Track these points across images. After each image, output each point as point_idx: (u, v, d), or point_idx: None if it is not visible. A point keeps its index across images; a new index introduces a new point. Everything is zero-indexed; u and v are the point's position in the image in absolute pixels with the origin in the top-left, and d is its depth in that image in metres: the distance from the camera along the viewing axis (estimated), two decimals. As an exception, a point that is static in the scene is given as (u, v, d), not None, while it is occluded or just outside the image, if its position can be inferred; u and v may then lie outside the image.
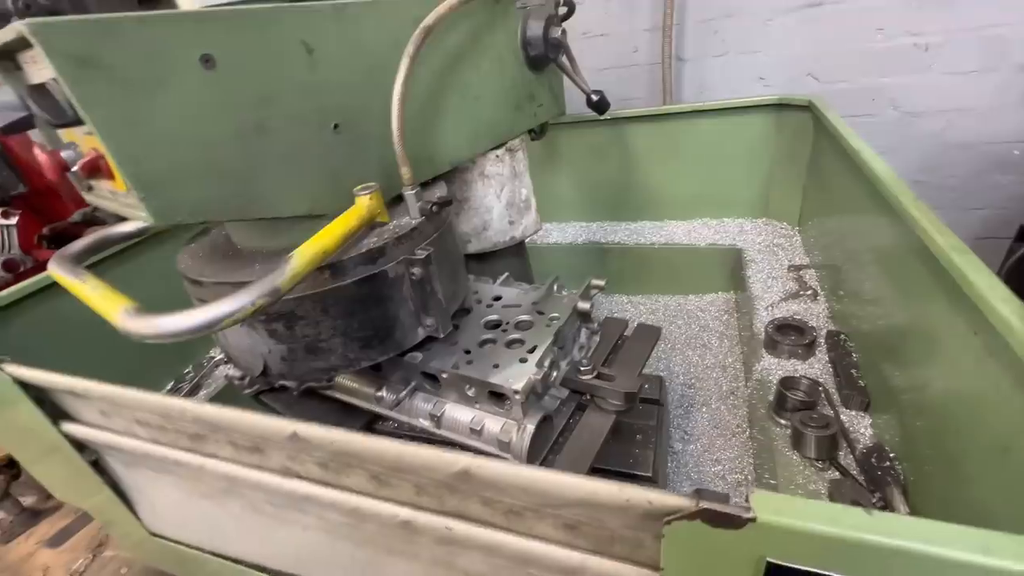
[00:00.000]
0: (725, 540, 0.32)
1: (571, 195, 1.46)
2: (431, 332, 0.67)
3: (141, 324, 0.47)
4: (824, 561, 0.30)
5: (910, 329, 0.66)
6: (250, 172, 0.54)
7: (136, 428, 0.62)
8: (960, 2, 1.21)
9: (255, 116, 0.53)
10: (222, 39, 0.49)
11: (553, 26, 0.85)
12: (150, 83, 0.46)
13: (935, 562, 0.27)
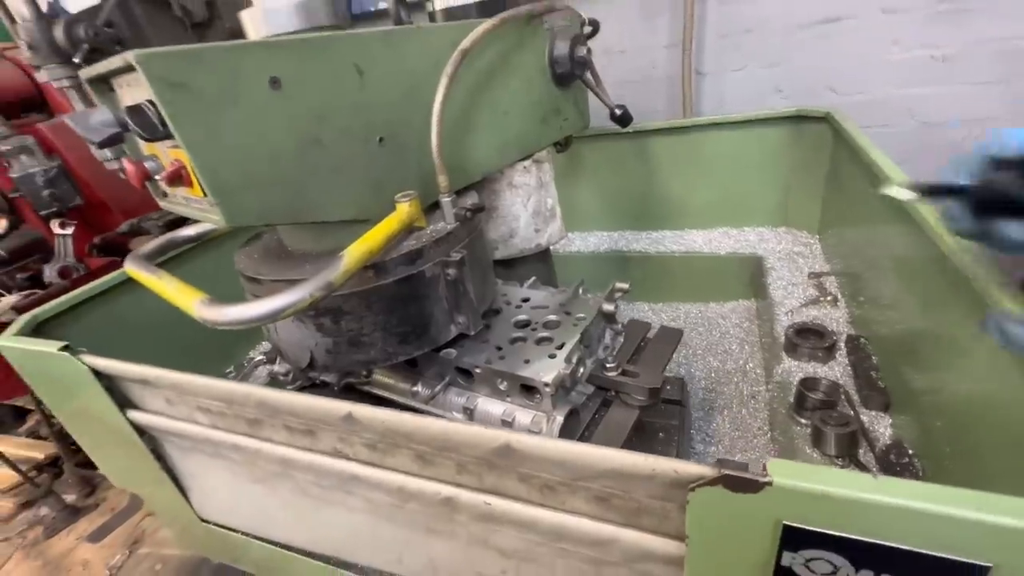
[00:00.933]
0: (744, 505, 0.35)
1: (594, 205, 1.50)
2: (463, 329, 0.72)
3: (215, 312, 0.53)
4: (834, 521, 0.33)
5: (929, 333, 0.68)
6: (307, 181, 0.60)
7: (197, 415, 0.67)
8: (975, 17, 1.23)
9: (313, 131, 0.59)
10: (286, 63, 0.55)
11: (579, 45, 0.90)
12: (228, 103, 0.52)
13: (932, 518, 0.30)
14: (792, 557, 0.36)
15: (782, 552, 0.36)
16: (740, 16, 1.42)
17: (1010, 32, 1.21)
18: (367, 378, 0.85)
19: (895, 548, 0.32)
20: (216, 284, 0.57)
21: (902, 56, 1.32)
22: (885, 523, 0.32)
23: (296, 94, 0.57)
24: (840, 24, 1.33)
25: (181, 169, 0.54)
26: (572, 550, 0.49)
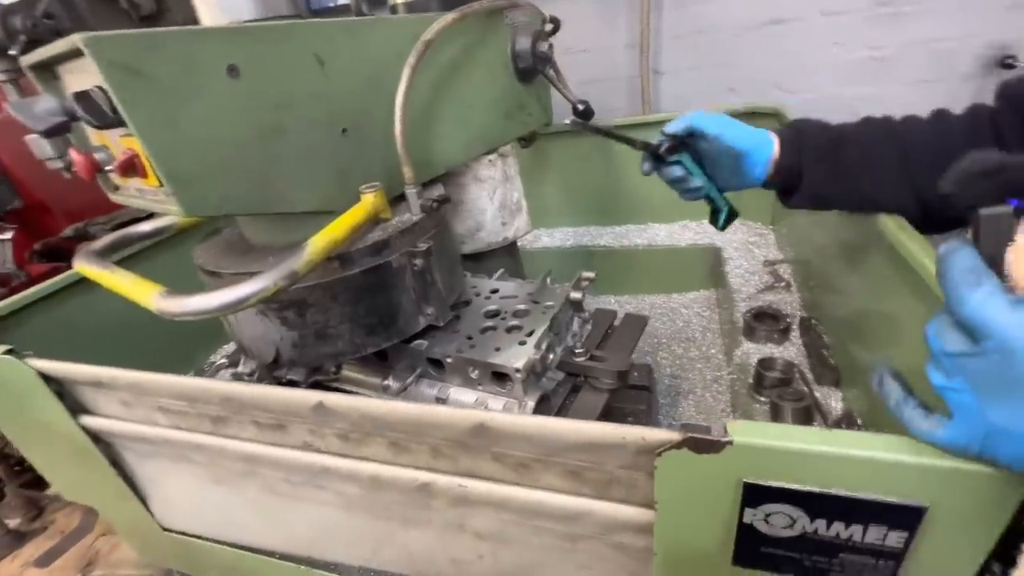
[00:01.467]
0: (708, 466, 0.37)
1: (559, 201, 1.53)
2: (431, 320, 0.72)
3: (176, 304, 0.52)
4: (790, 475, 0.35)
5: (873, 313, 0.73)
6: (269, 171, 0.60)
7: (157, 416, 0.65)
8: (909, 18, 1.32)
9: (273, 120, 0.59)
10: (245, 51, 0.54)
11: (540, 40, 0.92)
12: (184, 90, 0.51)
13: (875, 464, 0.33)
14: (753, 513, 0.38)
15: (744, 509, 0.38)
16: (692, 18, 1.47)
17: (941, 34, 1.31)
18: (335, 374, 0.84)
19: (844, 496, 0.35)
20: (174, 283, 0.56)
21: (843, 57, 1.40)
22: (835, 473, 0.34)
23: (255, 82, 0.56)
24: (785, 26, 1.40)
25: (134, 158, 0.52)
26: (547, 527, 0.50)
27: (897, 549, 0.36)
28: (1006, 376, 0.28)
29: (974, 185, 0.30)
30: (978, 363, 0.30)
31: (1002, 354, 0.28)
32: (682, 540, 0.43)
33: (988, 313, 0.29)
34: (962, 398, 0.31)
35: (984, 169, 0.29)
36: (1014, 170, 0.28)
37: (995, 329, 0.28)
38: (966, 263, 0.30)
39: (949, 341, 0.31)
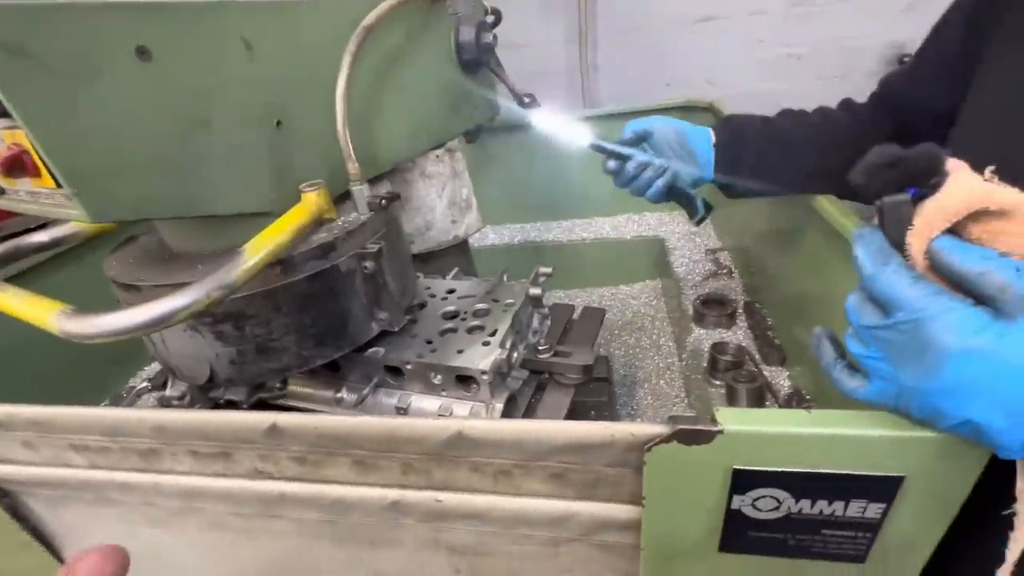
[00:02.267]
0: (698, 456, 0.37)
1: (506, 198, 1.51)
2: (385, 326, 0.68)
3: (84, 324, 0.44)
4: (776, 459, 0.36)
5: (813, 291, 0.78)
6: (192, 167, 0.53)
7: (70, 455, 0.56)
8: (819, 18, 1.43)
9: (195, 110, 0.52)
10: (158, 31, 0.48)
11: (484, 32, 0.89)
12: (83, 73, 0.44)
13: (856, 440, 0.34)
14: (741, 499, 0.38)
15: (732, 496, 0.38)
16: (628, 15, 1.51)
17: (848, 33, 1.43)
18: (281, 390, 0.77)
19: (827, 473, 0.36)
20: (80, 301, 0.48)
21: (765, 54, 1.49)
22: (818, 452, 0.35)
23: (171, 66, 0.49)
24: (714, 23, 1.47)
25: (23, 154, 0.44)
26: (529, 534, 0.48)
27: (875, 520, 0.37)
28: (912, 343, 0.31)
29: (879, 176, 0.32)
30: (889, 333, 0.33)
31: (909, 324, 0.31)
32: (669, 532, 0.43)
33: (895, 288, 0.32)
34: (877, 364, 0.34)
35: (885, 162, 0.32)
36: (910, 162, 0.31)
37: (902, 301, 0.32)
38: (874, 245, 0.34)
39: (865, 314, 0.34)
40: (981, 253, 0.30)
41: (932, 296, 0.31)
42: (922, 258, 0.32)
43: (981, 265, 0.30)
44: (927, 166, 0.31)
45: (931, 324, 0.30)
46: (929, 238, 0.31)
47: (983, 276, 0.29)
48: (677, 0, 1.47)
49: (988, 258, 0.30)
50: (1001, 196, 0.29)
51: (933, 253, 0.31)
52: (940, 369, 0.30)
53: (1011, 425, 0.29)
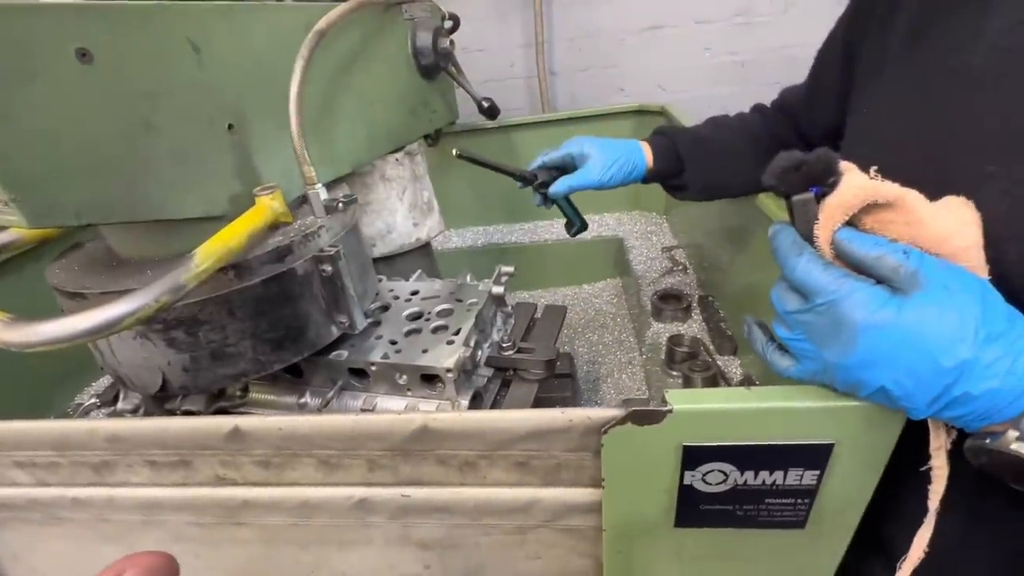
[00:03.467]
0: (650, 436, 0.39)
1: (468, 201, 1.52)
2: (345, 329, 0.68)
3: (25, 332, 0.43)
4: (721, 434, 0.38)
5: (760, 284, 0.82)
6: (139, 171, 0.52)
7: (15, 473, 0.54)
8: (760, 28, 1.51)
9: (140, 113, 0.51)
10: (99, 33, 0.47)
11: (441, 37, 0.91)
12: (18, 75, 0.43)
13: (791, 412, 0.37)
14: (692, 475, 0.41)
15: (683, 472, 0.41)
16: (582, 22, 1.55)
17: (787, 42, 1.52)
18: (242, 398, 0.76)
19: (766, 445, 0.39)
20: (22, 311, 0.46)
21: (712, 60, 1.56)
22: (759, 426, 0.38)
23: (114, 69, 0.48)
24: (663, 31, 1.53)
25: (-43, 159, 0.43)
26: (496, 523, 0.49)
27: (812, 486, 0.40)
28: (829, 323, 0.35)
29: (786, 177, 0.36)
30: (809, 316, 0.36)
31: (824, 305, 0.35)
32: (629, 512, 0.45)
33: (810, 275, 0.35)
34: (802, 345, 0.38)
35: (790, 164, 0.36)
36: (811, 164, 0.35)
37: (817, 287, 0.35)
38: (788, 239, 0.37)
39: (787, 301, 0.38)
40: (875, 241, 0.34)
41: (841, 279, 0.34)
42: (828, 248, 0.36)
43: (876, 250, 0.33)
44: (825, 167, 0.35)
45: (843, 304, 0.34)
46: (832, 230, 0.35)
47: (879, 260, 0.33)
48: (627, 10, 1.52)
49: (881, 244, 0.34)
50: (886, 190, 0.34)
51: (836, 243, 0.35)
52: (855, 343, 0.34)
53: (915, 389, 0.33)
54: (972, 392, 0.31)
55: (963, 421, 0.33)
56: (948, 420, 0.34)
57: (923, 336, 0.32)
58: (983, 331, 0.31)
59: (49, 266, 0.64)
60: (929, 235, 0.34)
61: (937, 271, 0.33)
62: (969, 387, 0.31)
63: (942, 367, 0.32)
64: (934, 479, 0.38)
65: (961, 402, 0.32)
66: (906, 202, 0.34)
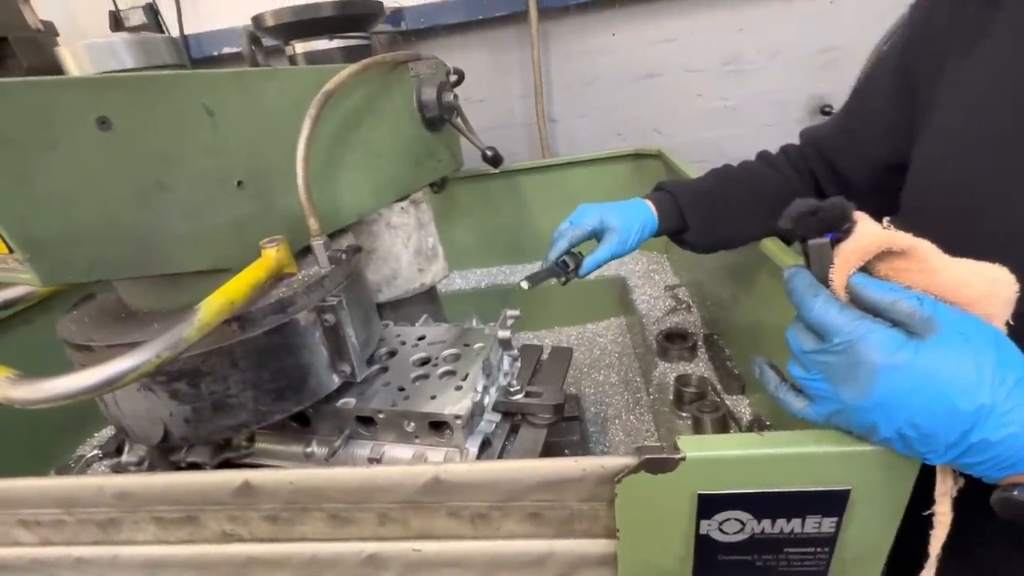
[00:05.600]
0: (664, 484, 0.39)
1: (472, 244, 1.55)
2: (347, 377, 0.68)
3: (31, 390, 0.44)
4: (736, 481, 0.38)
5: (763, 323, 0.83)
6: (150, 228, 0.54)
7: (18, 532, 0.53)
8: (749, 75, 1.58)
9: (155, 174, 0.54)
10: (119, 102, 0.50)
11: (445, 91, 0.95)
12: (40, 144, 0.45)
13: (806, 458, 0.37)
14: (708, 524, 0.40)
15: (699, 521, 0.40)
16: (580, 72, 1.63)
17: (775, 87, 1.58)
18: (248, 448, 0.75)
19: (782, 492, 0.38)
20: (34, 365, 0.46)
21: (704, 106, 1.63)
22: (772, 471, 0.38)
23: (132, 135, 0.51)
24: (657, 79, 1.60)
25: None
26: (508, 577, 0.48)
27: (830, 534, 0.40)
28: (847, 363, 0.35)
29: (802, 223, 0.38)
30: (827, 356, 0.37)
31: (842, 345, 0.35)
32: (645, 563, 0.44)
33: (827, 316, 0.36)
34: (819, 385, 0.38)
35: (805, 211, 0.37)
36: (826, 211, 0.37)
37: (834, 327, 0.36)
38: (805, 281, 0.38)
39: (804, 342, 0.38)
40: (889, 286, 0.35)
41: (858, 320, 0.35)
42: (843, 292, 0.36)
43: (891, 295, 0.34)
44: (839, 215, 0.36)
45: (860, 344, 0.34)
46: (847, 275, 0.36)
47: (894, 304, 0.34)
48: (622, 60, 1.60)
49: (895, 290, 0.35)
50: (900, 239, 0.35)
51: (851, 287, 0.36)
52: (873, 384, 0.34)
53: (932, 432, 0.33)
54: (991, 438, 0.31)
55: (983, 469, 0.33)
56: (967, 468, 0.34)
57: (941, 379, 0.32)
58: (1000, 377, 0.32)
59: (61, 318, 0.65)
60: (942, 283, 0.35)
61: (952, 318, 0.33)
62: (987, 433, 0.31)
63: (960, 411, 0.32)
64: (936, 525, 0.38)
65: (980, 449, 0.32)
66: (919, 251, 0.35)
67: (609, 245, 0.78)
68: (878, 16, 0.83)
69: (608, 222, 0.79)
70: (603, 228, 0.80)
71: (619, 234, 0.78)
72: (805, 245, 0.38)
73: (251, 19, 0.98)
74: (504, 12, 1.52)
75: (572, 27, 1.58)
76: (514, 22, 1.55)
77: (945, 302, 0.35)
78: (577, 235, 0.80)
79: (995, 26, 0.50)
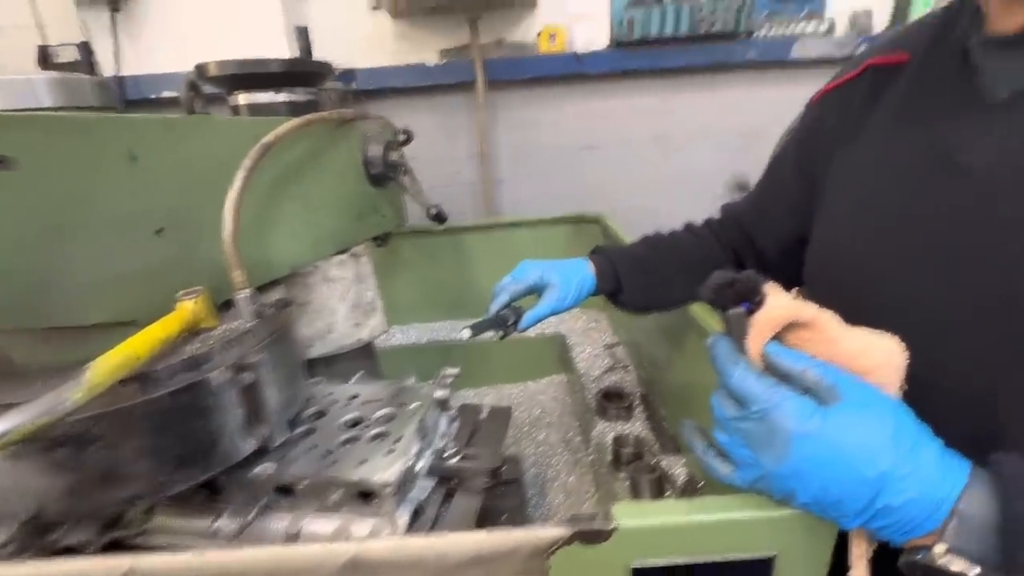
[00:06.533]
0: (598, 555, 0.37)
1: (414, 299, 1.53)
2: (263, 442, 0.63)
3: None
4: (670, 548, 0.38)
5: (694, 384, 0.86)
6: (49, 274, 0.50)
7: None
8: (677, 152, 1.74)
9: (61, 218, 0.50)
10: (26, 142, 0.47)
11: (392, 149, 0.97)
12: None
13: (733, 524, 0.37)
14: (642, 597, 0.39)
15: (633, 593, 0.39)
16: (525, 139, 1.72)
17: (699, 164, 1.74)
18: (142, 524, 0.66)
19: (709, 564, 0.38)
20: None
21: (638, 177, 1.76)
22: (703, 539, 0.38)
23: (38, 176, 0.47)
24: (597, 151, 1.73)
25: None
26: (434, 669, 0.44)
27: (760, 603, 0.40)
28: (765, 430, 0.37)
29: (720, 294, 0.41)
30: (747, 423, 0.38)
31: (759, 413, 0.37)
32: (580, 643, 0.42)
33: (746, 384, 0.38)
34: (742, 451, 0.39)
35: (723, 283, 0.40)
36: (740, 283, 0.40)
37: (753, 395, 0.38)
38: (726, 349, 0.41)
39: (727, 408, 0.40)
40: (798, 355, 0.38)
41: (773, 388, 0.37)
42: (759, 360, 0.39)
43: (800, 365, 0.37)
44: (752, 287, 0.39)
45: (775, 412, 0.36)
46: (762, 343, 0.38)
47: (803, 373, 0.36)
48: (562, 132, 1.71)
49: (803, 359, 0.37)
50: (805, 311, 0.38)
51: (765, 356, 0.38)
52: (789, 451, 0.35)
53: (843, 497, 0.34)
54: (892, 504, 0.33)
55: (888, 533, 0.35)
56: (876, 532, 0.36)
57: (847, 446, 0.34)
58: (897, 444, 0.34)
59: (-73, 375, 0.56)
60: (842, 353, 0.38)
61: (852, 386, 0.36)
62: (889, 499, 0.33)
63: (865, 477, 0.34)
64: None
65: (884, 514, 0.34)
66: (821, 322, 0.38)
67: (548, 301, 0.80)
68: (791, 105, 0.95)
69: (548, 279, 0.81)
70: (543, 284, 0.82)
71: (558, 291, 0.80)
72: (724, 314, 0.40)
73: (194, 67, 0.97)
74: (454, 81, 1.60)
75: (518, 98, 1.68)
76: (463, 90, 1.64)
77: (847, 370, 0.37)
78: (518, 290, 0.82)
79: (871, 123, 0.58)
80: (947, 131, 0.47)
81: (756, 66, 1.66)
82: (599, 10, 1.62)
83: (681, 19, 1.51)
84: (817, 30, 1.60)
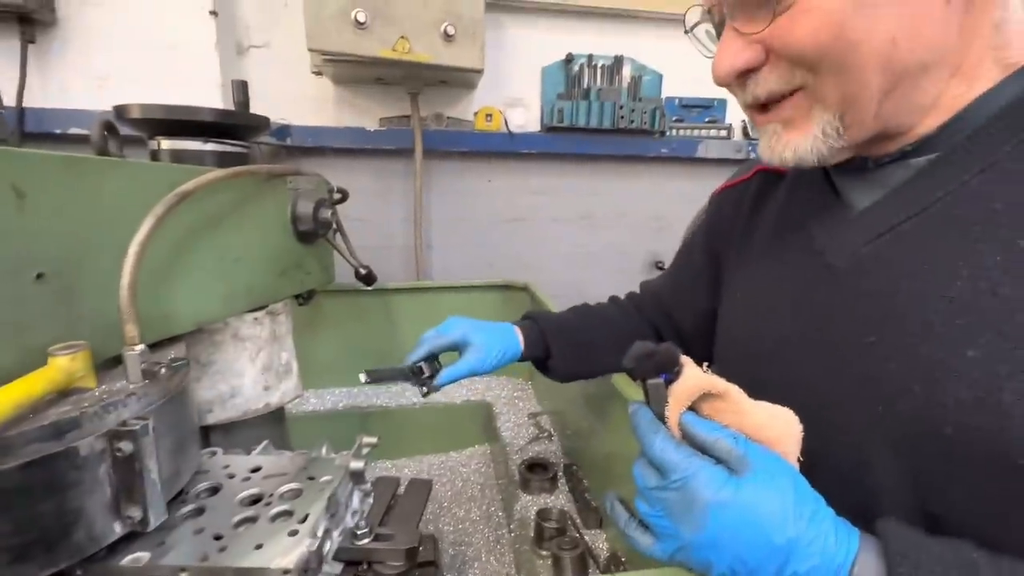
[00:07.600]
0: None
1: (334, 359, 1.45)
2: (134, 526, 0.53)
3: None
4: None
5: (617, 454, 0.87)
6: None
7: None
8: (600, 230, 1.88)
9: None
10: None
11: (323, 207, 0.95)
12: None
13: None
14: None
15: None
16: (458, 207, 1.77)
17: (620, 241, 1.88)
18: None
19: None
20: None
21: (565, 250, 1.85)
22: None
23: None
24: (526, 223, 1.81)
25: None
26: None
27: None
28: (683, 499, 0.38)
29: (640, 364, 0.43)
30: (666, 493, 0.39)
31: (678, 482, 0.38)
32: None
33: (665, 454, 0.39)
34: (661, 521, 0.40)
35: (642, 354, 0.42)
36: (659, 355, 0.42)
37: (671, 464, 0.39)
38: (646, 418, 0.42)
39: (648, 478, 0.41)
40: (712, 425, 0.40)
41: (691, 458, 0.39)
42: (677, 429, 0.40)
43: (713, 435, 0.39)
44: (670, 358, 0.41)
45: (692, 481, 0.37)
46: (679, 413, 0.40)
47: (716, 443, 0.38)
48: (492, 203, 1.80)
49: (716, 429, 0.40)
50: (717, 383, 0.41)
51: (682, 425, 0.40)
52: (705, 520, 0.36)
53: (756, 566, 0.35)
54: (799, 571, 0.35)
55: None
56: None
57: (758, 514, 0.36)
58: (799, 512, 0.36)
59: None
60: (750, 424, 0.41)
61: (760, 456, 0.39)
62: (797, 566, 0.35)
63: (775, 545, 0.35)
64: None
65: None
66: (731, 395, 0.41)
67: (468, 360, 0.79)
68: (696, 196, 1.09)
69: (471, 338, 0.81)
70: (466, 343, 0.81)
71: (480, 351, 0.79)
72: (644, 384, 0.42)
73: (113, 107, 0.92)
74: (392, 147, 1.64)
75: (453, 169, 1.75)
76: (400, 156, 1.68)
77: (754, 440, 0.40)
78: (440, 344, 0.81)
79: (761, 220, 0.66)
80: (817, 235, 0.54)
81: (668, 160, 1.87)
82: (532, 99, 1.78)
83: (604, 114, 1.69)
84: (718, 134, 1.85)
